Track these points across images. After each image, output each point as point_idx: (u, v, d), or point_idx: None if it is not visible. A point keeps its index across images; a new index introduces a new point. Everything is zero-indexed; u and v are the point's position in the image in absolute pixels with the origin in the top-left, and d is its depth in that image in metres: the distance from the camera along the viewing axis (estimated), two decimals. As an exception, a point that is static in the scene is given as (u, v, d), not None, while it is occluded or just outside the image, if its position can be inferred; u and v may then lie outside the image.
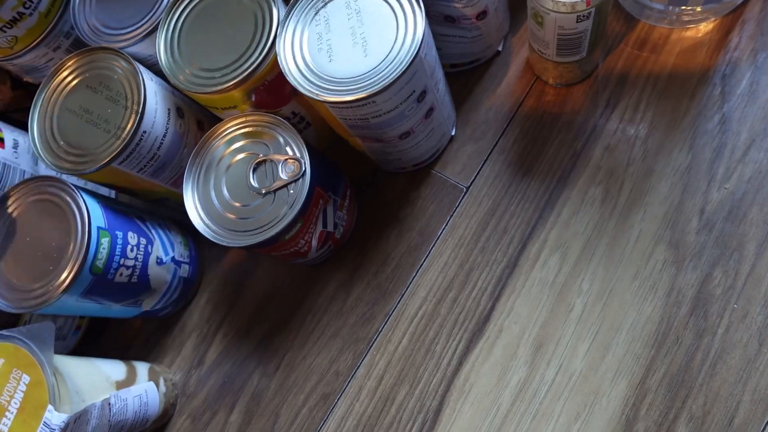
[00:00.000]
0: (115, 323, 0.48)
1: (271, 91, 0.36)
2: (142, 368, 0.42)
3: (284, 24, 0.34)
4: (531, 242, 0.40)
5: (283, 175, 0.35)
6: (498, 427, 0.38)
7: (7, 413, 0.32)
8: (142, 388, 0.41)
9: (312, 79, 0.33)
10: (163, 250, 0.41)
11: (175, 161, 0.39)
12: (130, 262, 0.38)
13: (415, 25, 0.32)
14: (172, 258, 0.42)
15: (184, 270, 0.44)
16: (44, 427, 0.31)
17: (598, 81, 0.42)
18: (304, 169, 0.35)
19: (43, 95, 0.38)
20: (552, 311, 0.39)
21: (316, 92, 0.32)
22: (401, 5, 0.32)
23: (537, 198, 0.41)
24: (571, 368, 0.38)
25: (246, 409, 0.43)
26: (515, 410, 0.38)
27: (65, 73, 0.38)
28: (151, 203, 0.44)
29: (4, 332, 0.33)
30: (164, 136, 0.37)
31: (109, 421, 0.37)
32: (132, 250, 0.38)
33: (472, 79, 0.45)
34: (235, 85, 0.34)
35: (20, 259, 0.36)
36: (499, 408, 0.38)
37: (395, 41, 0.32)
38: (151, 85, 0.36)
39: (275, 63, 0.34)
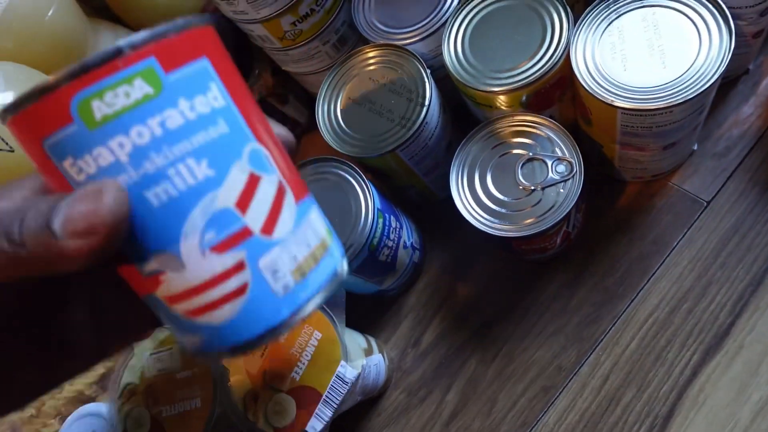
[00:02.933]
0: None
1: (544, 95, 0.38)
2: (373, 341, 0.46)
3: (576, 32, 0.36)
4: (778, 263, 0.40)
5: (554, 175, 0.38)
6: (735, 441, 0.38)
7: (299, 363, 0.36)
8: (378, 358, 0.44)
9: (605, 86, 0.35)
10: (407, 235, 0.44)
11: (435, 152, 0.42)
12: (391, 243, 0.41)
13: (721, 40, 0.33)
14: (411, 243, 0.45)
15: (416, 256, 0.47)
16: (337, 379, 0.35)
17: None
18: (575, 169, 0.37)
19: (327, 84, 0.42)
20: (801, 334, 0.39)
21: (611, 98, 0.34)
22: (704, 20, 0.34)
23: (787, 219, 0.41)
24: (822, 393, 0.37)
25: (462, 391, 0.46)
26: (755, 428, 0.38)
27: (349, 65, 0.42)
28: (395, 190, 0.47)
29: (300, 291, 0.38)
30: (436, 128, 0.41)
31: (362, 382, 0.40)
32: (393, 233, 0.41)
33: (718, 95, 0.45)
34: (522, 87, 0.37)
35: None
36: (737, 423, 0.38)
37: (698, 55, 0.33)
38: (432, 81, 0.40)
39: (560, 69, 0.37)
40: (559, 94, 0.39)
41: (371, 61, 0.42)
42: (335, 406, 0.35)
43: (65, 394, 0.46)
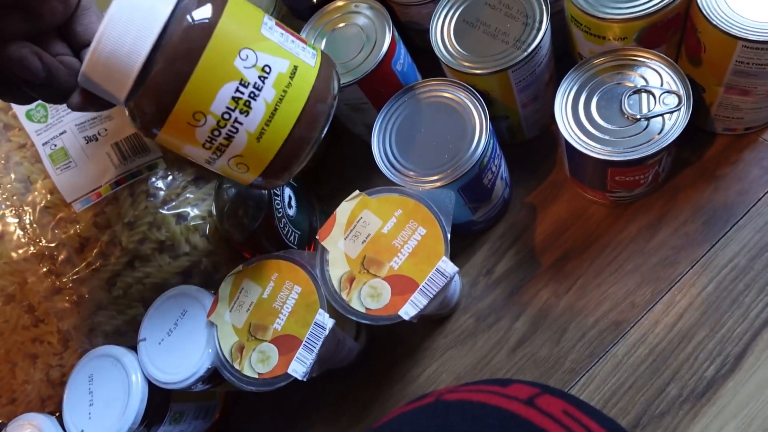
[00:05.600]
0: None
1: (657, 32, 0.40)
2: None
3: (701, -31, 0.38)
4: None
5: (661, 106, 0.39)
6: (807, 384, 0.39)
7: (399, 254, 0.38)
8: (457, 277, 0.46)
9: (727, 18, 0.36)
10: (503, 167, 0.46)
11: (539, 83, 0.44)
12: (494, 168, 0.43)
13: None
14: (506, 177, 0.47)
15: (507, 191, 0.48)
16: (437, 272, 0.37)
17: None
18: (684, 103, 0.38)
19: (442, 5, 0.44)
20: None
21: (734, 30, 0.35)
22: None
23: None
24: None
25: (532, 320, 0.47)
26: (828, 373, 0.39)
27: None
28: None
29: (407, 189, 0.39)
30: (545, 57, 0.42)
31: (447, 291, 0.42)
32: (496, 158, 0.43)
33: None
34: (640, 18, 0.38)
35: (415, 146, 0.42)
36: (810, 367, 0.39)
37: (824, -5, 0.34)
38: (549, 6, 0.41)
39: (680, 3, 0.38)
40: (671, 33, 0.41)
41: (489, -13, 0.44)
42: (431, 296, 0.36)
43: (152, 280, 0.48)
